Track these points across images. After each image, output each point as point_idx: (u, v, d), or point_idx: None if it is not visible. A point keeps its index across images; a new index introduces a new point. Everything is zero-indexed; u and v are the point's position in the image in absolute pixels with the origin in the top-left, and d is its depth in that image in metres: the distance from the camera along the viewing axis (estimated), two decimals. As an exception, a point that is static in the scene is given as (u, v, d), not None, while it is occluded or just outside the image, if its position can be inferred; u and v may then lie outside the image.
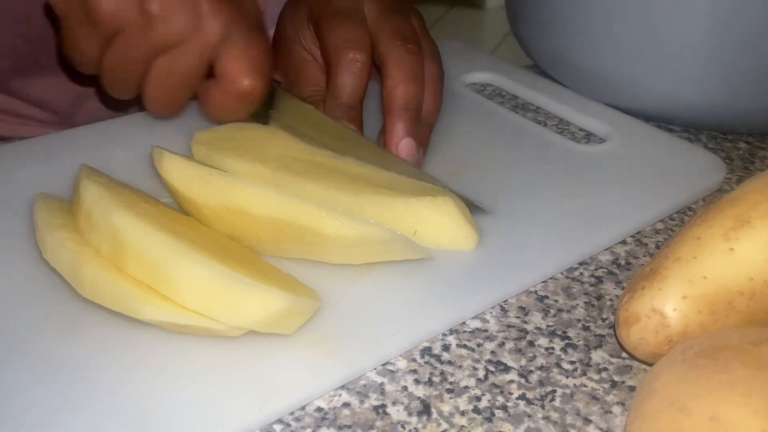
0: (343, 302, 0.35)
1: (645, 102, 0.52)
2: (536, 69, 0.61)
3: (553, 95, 0.55)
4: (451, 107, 0.51)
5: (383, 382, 0.32)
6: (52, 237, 0.34)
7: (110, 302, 0.32)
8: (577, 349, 0.34)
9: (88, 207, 0.34)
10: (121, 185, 0.37)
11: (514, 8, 0.59)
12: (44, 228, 0.35)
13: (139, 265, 0.32)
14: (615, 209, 0.42)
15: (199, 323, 0.31)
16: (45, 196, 0.38)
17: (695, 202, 0.45)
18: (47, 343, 0.32)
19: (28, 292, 0.35)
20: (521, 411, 0.31)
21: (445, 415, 0.31)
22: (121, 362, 0.31)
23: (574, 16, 0.52)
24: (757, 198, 0.32)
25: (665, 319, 0.31)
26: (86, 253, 0.33)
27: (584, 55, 0.53)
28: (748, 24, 0.46)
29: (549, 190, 0.44)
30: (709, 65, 0.48)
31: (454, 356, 0.34)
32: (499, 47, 2.39)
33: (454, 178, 0.44)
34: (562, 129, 0.52)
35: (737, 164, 0.50)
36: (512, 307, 0.37)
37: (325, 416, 0.30)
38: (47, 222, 0.35)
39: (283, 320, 0.32)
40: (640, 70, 0.50)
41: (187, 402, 0.30)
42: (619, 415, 0.31)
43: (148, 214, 0.34)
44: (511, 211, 0.42)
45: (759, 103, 0.49)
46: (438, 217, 0.37)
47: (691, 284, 0.31)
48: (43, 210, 0.36)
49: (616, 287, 0.38)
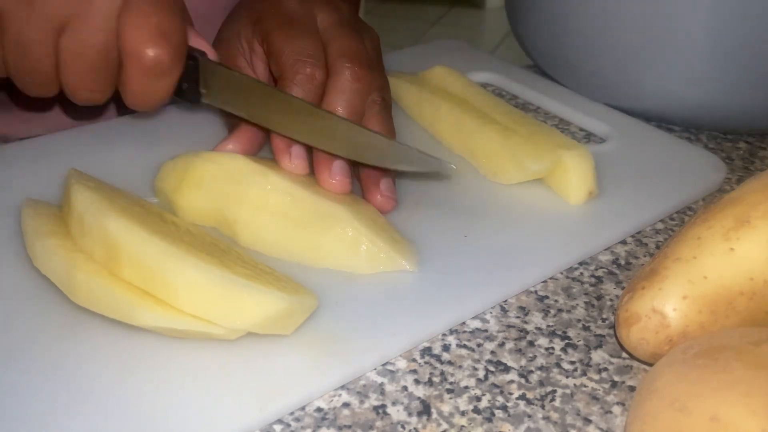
0: (343, 302, 0.35)
1: (645, 102, 0.52)
2: (536, 69, 0.61)
3: (553, 95, 0.55)
4: (451, 107, 0.51)
5: (383, 382, 0.32)
6: (42, 244, 0.34)
7: (105, 309, 0.32)
8: (577, 349, 0.34)
9: (80, 212, 0.34)
10: (111, 189, 0.37)
11: (514, 8, 0.59)
12: (34, 235, 0.35)
13: (134, 269, 0.32)
14: (615, 209, 0.42)
15: (197, 327, 0.31)
16: (33, 201, 0.37)
17: (695, 202, 0.45)
18: (42, 351, 0.32)
19: (20, 300, 0.34)
20: (521, 411, 0.31)
21: (445, 415, 0.31)
22: (118, 367, 0.31)
23: (574, 16, 0.52)
24: (757, 198, 0.32)
25: (665, 319, 0.31)
26: (79, 260, 0.33)
27: (584, 55, 0.53)
28: (748, 24, 0.46)
29: (549, 190, 0.44)
30: (709, 65, 0.48)
31: (454, 356, 0.34)
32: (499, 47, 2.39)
33: (458, 176, 0.44)
34: (562, 129, 0.52)
35: (737, 164, 0.50)
36: (512, 307, 0.37)
37: (325, 416, 0.30)
38: (36, 229, 0.35)
39: (281, 321, 0.32)
40: (640, 70, 0.50)
41: (187, 403, 0.30)
42: (619, 415, 0.31)
43: (141, 218, 0.33)
44: (511, 210, 0.42)
45: (759, 103, 0.49)
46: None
47: (691, 284, 0.31)
48: (31, 216, 0.36)
49: (616, 287, 0.38)
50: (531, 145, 0.43)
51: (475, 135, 0.45)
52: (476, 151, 0.45)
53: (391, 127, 0.42)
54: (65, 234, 0.35)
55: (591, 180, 0.42)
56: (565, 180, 0.42)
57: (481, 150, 0.45)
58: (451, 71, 0.52)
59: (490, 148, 0.44)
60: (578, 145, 0.43)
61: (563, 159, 0.42)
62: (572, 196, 0.42)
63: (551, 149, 0.42)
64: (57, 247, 0.34)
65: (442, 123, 0.48)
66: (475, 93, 0.49)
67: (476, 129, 0.45)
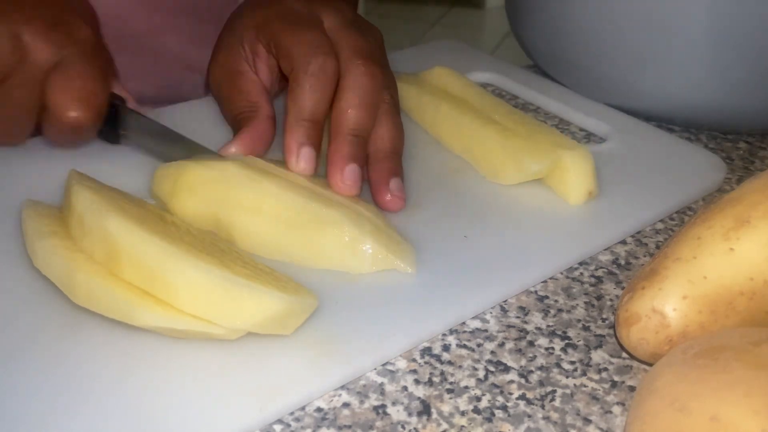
0: (343, 302, 0.35)
1: (645, 102, 0.52)
2: (536, 69, 0.61)
3: (553, 95, 0.55)
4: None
5: (383, 382, 0.32)
6: (42, 245, 0.34)
7: (105, 309, 0.32)
8: (577, 349, 0.34)
9: (80, 213, 0.34)
10: (111, 190, 0.37)
11: (514, 8, 0.59)
12: (34, 235, 0.35)
13: (134, 270, 0.32)
14: (615, 209, 0.42)
15: (197, 327, 0.31)
16: (34, 203, 0.37)
17: (695, 202, 0.45)
18: (42, 351, 0.32)
19: (20, 300, 0.34)
20: (521, 411, 0.31)
21: (445, 415, 0.31)
22: (118, 367, 0.31)
23: (574, 16, 0.52)
24: (757, 198, 0.32)
25: (665, 319, 0.31)
26: (79, 260, 0.33)
27: (584, 55, 0.53)
28: (748, 24, 0.46)
29: (549, 190, 0.44)
30: (709, 65, 0.48)
31: (454, 356, 0.34)
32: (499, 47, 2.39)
33: (457, 176, 0.44)
34: (562, 129, 0.52)
35: (737, 164, 0.50)
36: (512, 307, 0.37)
37: (325, 416, 0.30)
38: (37, 229, 0.35)
39: (281, 321, 0.32)
40: (640, 70, 0.50)
41: (187, 403, 0.30)
42: (619, 415, 0.31)
43: (142, 219, 0.33)
44: (511, 210, 0.42)
45: (759, 103, 0.49)
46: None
47: (691, 284, 0.31)
48: (31, 217, 0.36)
49: (616, 287, 0.38)
50: (531, 145, 0.43)
51: (475, 135, 0.45)
52: (476, 152, 0.45)
53: (400, 127, 0.43)
54: (65, 234, 0.35)
55: (591, 180, 0.42)
56: (565, 180, 0.42)
57: (481, 150, 0.45)
58: (451, 72, 0.52)
59: (490, 149, 0.44)
60: (578, 145, 0.43)
61: (563, 159, 0.42)
62: (572, 196, 0.42)
63: (551, 149, 0.42)
64: (57, 247, 0.34)
65: (442, 123, 0.48)
66: (475, 93, 0.49)
67: (476, 129, 0.45)
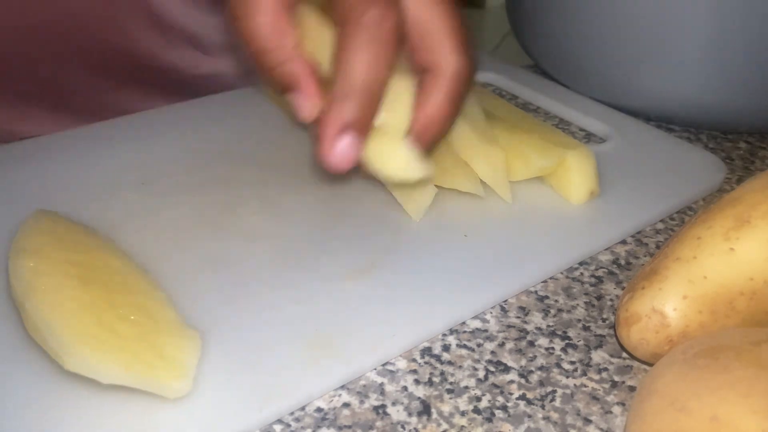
0: (343, 302, 0.35)
1: (645, 102, 0.52)
2: (536, 69, 0.61)
3: (553, 95, 0.55)
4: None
5: (383, 382, 0.32)
6: (14, 263, 0.32)
7: (41, 342, 0.30)
8: (577, 349, 0.34)
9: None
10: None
11: (514, 8, 0.59)
12: (14, 250, 0.33)
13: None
14: (615, 209, 0.42)
15: (136, 382, 0.29)
16: (44, 213, 0.35)
17: (695, 202, 0.45)
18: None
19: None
20: (521, 411, 0.31)
21: (445, 416, 0.31)
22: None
23: (574, 16, 0.52)
24: (757, 198, 0.32)
25: (665, 319, 0.31)
26: (38, 286, 0.31)
27: (584, 55, 0.53)
28: (749, 24, 0.46)
29: (549, 189, 0.44)
30: (709, 65, 0.48)
31: (454, 356, 0.34)
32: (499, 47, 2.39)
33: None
34: (563, 129, 0.52)
35: (737, 164, 0.50)
36: (512, 307, 0.37)
37: (325, 416, 0.30)
38: (20, 245, 0.33)
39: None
40: (640, 70, 0.50)
41: (187, 403, 0.30)
42: (620, 416, 0.31)
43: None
44: (511, 210, 0.42)
45: (759, 103, 0.49)
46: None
47: (691, 284, 0.31)
48: (24, 230, 0.34)
49: (616, 287, 0.38)
50: (536, 142, 0.43)
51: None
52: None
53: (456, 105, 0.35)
54: (46, 254, 0.32)
55: (593, 179, 0.42)
56: (566, 179, 0.42)
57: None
58: None
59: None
60: (580, 145, 0.43)
61: (565, 158, 0.42)
62: (574, 196, 0.42)
63: (556, 147, 0.42)
64: (23, 268, 0.31)
65: None
66: (476, 92, 0.49)
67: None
